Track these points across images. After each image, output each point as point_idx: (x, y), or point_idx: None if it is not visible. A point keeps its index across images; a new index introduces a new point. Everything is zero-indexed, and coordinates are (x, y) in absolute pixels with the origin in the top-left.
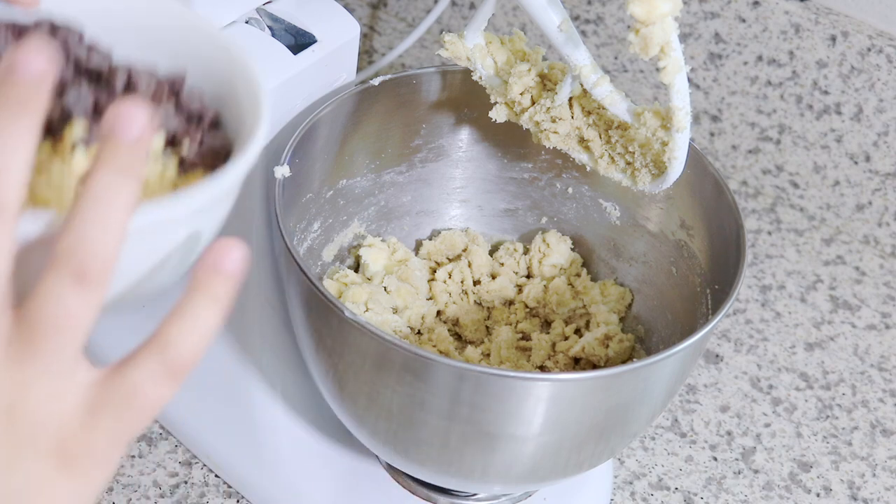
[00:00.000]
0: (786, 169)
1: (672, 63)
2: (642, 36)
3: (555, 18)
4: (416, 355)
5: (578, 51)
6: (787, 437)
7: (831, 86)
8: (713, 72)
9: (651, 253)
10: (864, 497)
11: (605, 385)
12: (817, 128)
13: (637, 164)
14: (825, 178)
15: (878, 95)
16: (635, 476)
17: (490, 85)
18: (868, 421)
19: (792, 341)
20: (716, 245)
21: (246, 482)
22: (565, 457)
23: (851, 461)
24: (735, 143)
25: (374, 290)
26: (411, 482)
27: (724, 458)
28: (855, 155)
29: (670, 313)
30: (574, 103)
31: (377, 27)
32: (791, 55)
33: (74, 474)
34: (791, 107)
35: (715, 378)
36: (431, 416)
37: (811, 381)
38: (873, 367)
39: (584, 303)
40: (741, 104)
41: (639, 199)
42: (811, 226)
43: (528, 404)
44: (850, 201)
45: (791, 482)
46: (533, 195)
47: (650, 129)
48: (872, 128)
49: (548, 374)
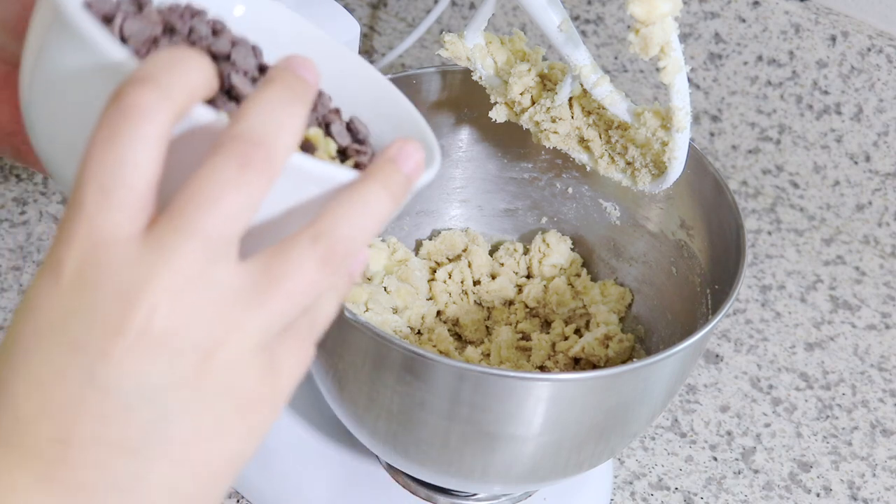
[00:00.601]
0: (786, 169)
1: (672, 63)
2: (642, 36)
3: (555, 18)
4: (416, 355)
5: (578, 51)
6: (787, 437)
7: (831, 86)
8: (713, 72)
9: (651, 253)
10: (863, 497)
11: (605, 385)
12: (817, 128)
13: (637, 165)
14: (825, 178)
15: (877, 95)
16: (635, 476)
17: (490, 85)
18: (868, 421)
19: (792, 341)
20: (716, 245)
21: (246, 482)
22: (565, 457)
23: (851, 461)
24: (735, 143)
25: (374, 290)
26: (411, 482)
27: (724, 458)
28: (855, 155)
29: (670, 313)
30: (574, 103)
31: (377, 27)
32: (791, 55)
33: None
34: (791, 107)
35: (715, 378)
36: (431, 416)
37: (811, 381)
38: (873, 367)
39: (584, 303)
40: (741, 104)
41: (639, 199)
42: (811, 226)
43: (528, 404)
44: (850, 201)
45: (791, 482)
46: (533, 195)
47: (650, 129)
48: (872, 128)
49: (548, 374)
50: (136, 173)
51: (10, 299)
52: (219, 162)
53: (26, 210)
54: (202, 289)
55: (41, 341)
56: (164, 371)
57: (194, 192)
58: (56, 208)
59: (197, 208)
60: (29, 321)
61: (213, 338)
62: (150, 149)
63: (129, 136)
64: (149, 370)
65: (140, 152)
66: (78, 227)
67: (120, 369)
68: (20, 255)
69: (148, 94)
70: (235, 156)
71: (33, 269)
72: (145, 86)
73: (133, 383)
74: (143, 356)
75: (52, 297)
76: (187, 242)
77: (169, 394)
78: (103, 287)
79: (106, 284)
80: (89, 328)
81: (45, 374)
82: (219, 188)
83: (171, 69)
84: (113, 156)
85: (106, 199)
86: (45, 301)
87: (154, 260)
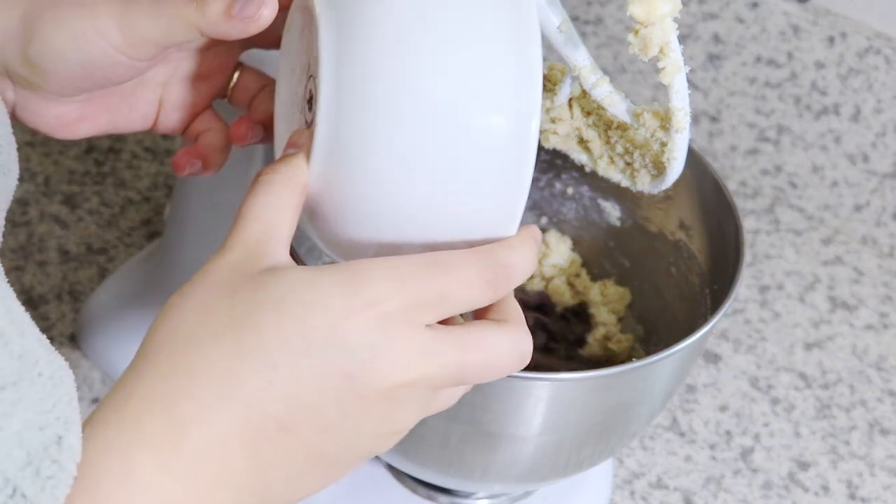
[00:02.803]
0: (784, 169)
1: (671, 64)
2: (642, 37)
3: (554, 19)
4: None
5: (578, 51)
6: (785, 436)
7: (830, 87)
8: (712, 72)
9: (650, 253)
10: (862, 496)
11: (605, 385)
12: (816, 128)
13: (636, 165)
14: (823, 178)
15: (876, 96)
16: (635, 475)
17: None
18: (866, 420)
19: (791, 341)
20: (715, 245)
21: None
22: (565, 456)
23: (850, 460)
24: (734, 144)
25: None
26: (412, 482)
27: (723, 457)
28: (853, 155)
29: (670, 313)
30: (574, 104)
31: None
32: (790, 56)
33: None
34: (790, 107)
35: (714, 378)
36: (431, 415)
37: (810, 380)
38: (871, 367)
39: (584, 303)
40: (740, 105)
41: (638, 200)
42: (810, 226)
43: (528, 404)
44: (849, 201)
45: (790, 481)
46: (533, 195)
47: (649, 129)
48: (871, 128)
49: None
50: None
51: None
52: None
53: (28, 210)
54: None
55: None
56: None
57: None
58: (57, 209)
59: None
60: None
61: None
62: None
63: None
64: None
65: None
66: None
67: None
68: (21, 255)
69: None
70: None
71: (34, 269)
72: (517, 270)
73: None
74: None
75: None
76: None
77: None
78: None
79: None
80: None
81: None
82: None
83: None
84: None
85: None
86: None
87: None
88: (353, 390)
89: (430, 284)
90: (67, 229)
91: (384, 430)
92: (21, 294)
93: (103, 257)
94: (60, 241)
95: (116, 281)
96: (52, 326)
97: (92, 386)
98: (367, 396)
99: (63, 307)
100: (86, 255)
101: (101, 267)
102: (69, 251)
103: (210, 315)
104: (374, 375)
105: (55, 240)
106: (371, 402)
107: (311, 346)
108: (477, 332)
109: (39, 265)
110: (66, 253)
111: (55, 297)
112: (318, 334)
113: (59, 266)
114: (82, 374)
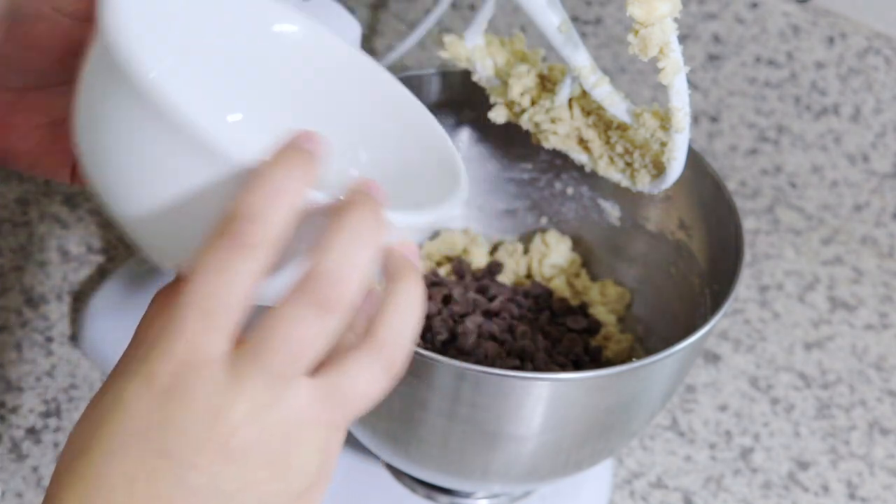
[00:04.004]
0: (784, 169)
1: (671, 64)
2: (642, 37)
3: (554, 20)
4: (416, 355)
5: (578, 52)
6: (785, 436)
7: (829, 87)
8: (712, 73)
9: (650, 253)
10: (861, 496)
11: (604, 385)
12: (815, 128)
13: (636, 165)
14: (823, 178)
15: (875, 96)
16: (634, 475)
17: (490, 86)
18: (866, 420)
19: (790, 341)
20: (714, 245)
21: None
22: (565, 456)
23: (849, 460)
24: (733, 144)
25: None
26: (411, 481)
27: (722, 457)
28: (853, 155)
29: (670, 313)
30: (574, 104)
31: (377, 28)
32: (789, 56)
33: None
34: (789, 108)
35: (714, 378)
36: (431, 415)
37: (809, 380)
38: (871, 367)
39: (584, 303)
40: (740, 105)
41: (638, 200)
42: (809, 226)
43: (528, 404)
44: (848, 202)
45: (789, 481)
46: (533, 195)
47: (649, 129)
48: (870, 129)
49: (548, 374)
50: (238, 303)
51: (11, 299)
52: (295, 301)
53: (28, 211)
54: (276, 411)
55: (136, 443)
56: (235, 476)
57: (273, 333)
58: (57, 209)
59: (271, 349)
60: (123, 421)
61: (285, 449)
62: (252, 282)
63: (236, 271)
64: (224, 475)
65: (244, 285)
66: (177, 346)
67: (204, 477)
68: (22, 255)
69: (258, 233)
70: (312, 300)
71: (35, 269)
72: (255, 223)
73: (212, 486)
74: (223, 465)
75: (142, 403)
76: (261, 376)
77: (240, 495)
78: (193, 405)
79: (195, 403)
80: (179, 440)
81: (139, 473)
82: (293, 327)
83: (275, 204)
84: (219, 287)
85: (207, 324)
86: (136, 405)
87: (234, 386)
88: None
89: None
90: (67, 229)
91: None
92: (21, 294)
93: (103, 257)
94: (60, 241)
95: (116, 281)
96: (52, 326)
97: (92, 386)
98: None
99: (63, 307)
100: (86, 255)
101: (101, 267)
102: (69, 251)
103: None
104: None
105: (55, 240)
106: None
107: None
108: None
109: (39, 265)
110: (66, 253)
111: (55, 297)
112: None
113: (59, 266)
114: (82, 374)
